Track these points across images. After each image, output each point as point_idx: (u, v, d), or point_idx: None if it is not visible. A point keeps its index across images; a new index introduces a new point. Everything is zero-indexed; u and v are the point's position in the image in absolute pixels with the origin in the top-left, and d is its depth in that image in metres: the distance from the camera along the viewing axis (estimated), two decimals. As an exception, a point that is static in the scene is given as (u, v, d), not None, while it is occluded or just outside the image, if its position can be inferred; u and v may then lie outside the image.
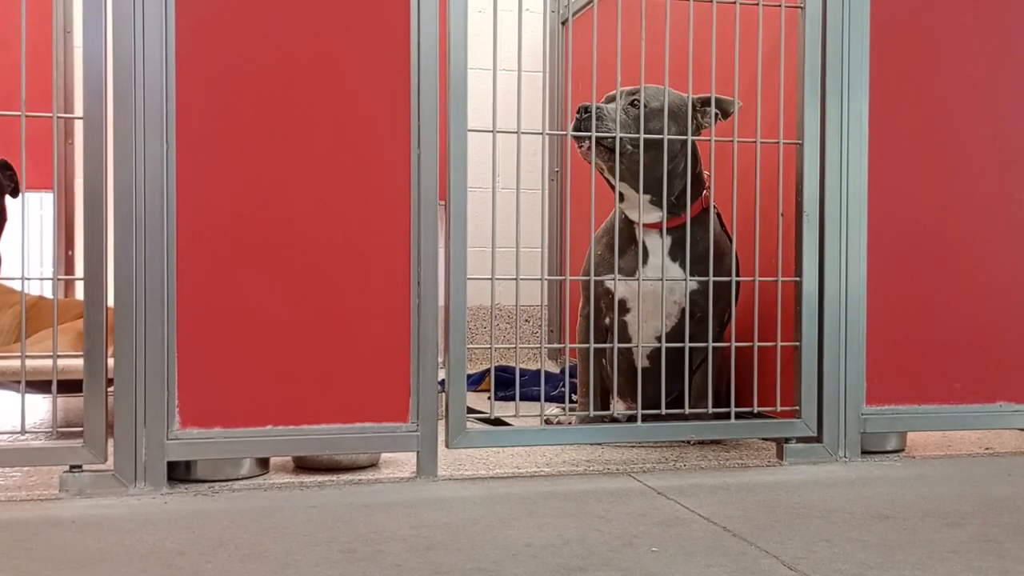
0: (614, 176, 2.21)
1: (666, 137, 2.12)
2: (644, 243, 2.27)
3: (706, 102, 2.20)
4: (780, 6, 2.14)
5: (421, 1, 1.93)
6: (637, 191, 2.22)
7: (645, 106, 2.18)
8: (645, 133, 2.15)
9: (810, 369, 2.15)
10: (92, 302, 1.79)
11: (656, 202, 2.23)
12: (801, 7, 2.14)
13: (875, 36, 2.18)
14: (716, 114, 2.20)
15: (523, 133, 2.01)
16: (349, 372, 1.91)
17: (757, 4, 2.12)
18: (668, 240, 2.25)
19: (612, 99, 2.21)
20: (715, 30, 2.09)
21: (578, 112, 2.12)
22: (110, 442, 1.81)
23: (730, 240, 2.33)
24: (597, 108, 2.14)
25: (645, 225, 2.27)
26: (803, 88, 2.14)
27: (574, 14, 3.60)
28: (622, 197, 2.28)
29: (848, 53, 2.16)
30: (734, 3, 2.11)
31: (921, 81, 2.23)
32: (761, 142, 2.14)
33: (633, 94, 2.19)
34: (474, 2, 1.98)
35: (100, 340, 1.79)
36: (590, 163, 2.17)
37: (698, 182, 2.27)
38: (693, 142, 2.24)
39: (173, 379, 1.84)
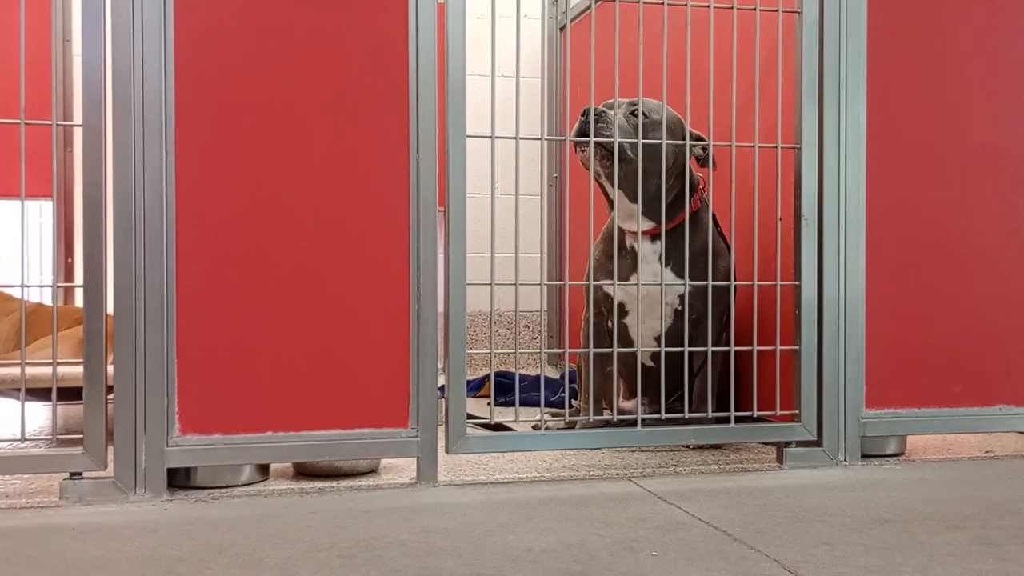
0: (611, 183, 2.22)
1: (664, 142, 2.13)
2: (637, 250, 2.28)
3: (699, 137, 2.25)
4: (777, 11, 2.14)
5: (420, 7, 1.93)
6: (631, 200, 2.23)
7: (645, 116, 2.20)
8: (644, 145, 2.16)
9: (809, 373, 2.15)
10: (92, 309, 1.79)
11: (648, 213, 2.24)
12: (798, 12, 2.15)
13: (872, 40, 2.18)
14: (704, 148, 2.24)
15: (522, 139, 2.01)
16: (349, 378, 1.91)
17: (754, 9, 2.13)
18: (661, 246, 2.26)
19: (611, 107, 2.22)
20: (712, 35, 2.10)
21: (582, 114, 2.13)
22: (110, 449, 1.81)
23: (726, 242, 2.34)
24: (600, 112, 2.15)
25: (636, 232, 2.28)
26: (801, 92, 2.15)
27: (572, 20, 3.60)
28: (616, 206, 2.29)
29: (845, 57, 2.16)
30: (731, 9, 2.12)
31: (919, 84, 2.23)
32: (759, 147, 2.15)
33: (633, 104, 2.21)
34: (472, 8, 1.98)
35: (100, 347, 1.79)
36: (589, 169, 2.18)
37: (691, 186, 2.29)
38: (685, 156, 2.26)
39: (173, 386, 1.84)
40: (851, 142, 2.17)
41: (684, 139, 2.21)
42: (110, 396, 1.81)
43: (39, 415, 2.84)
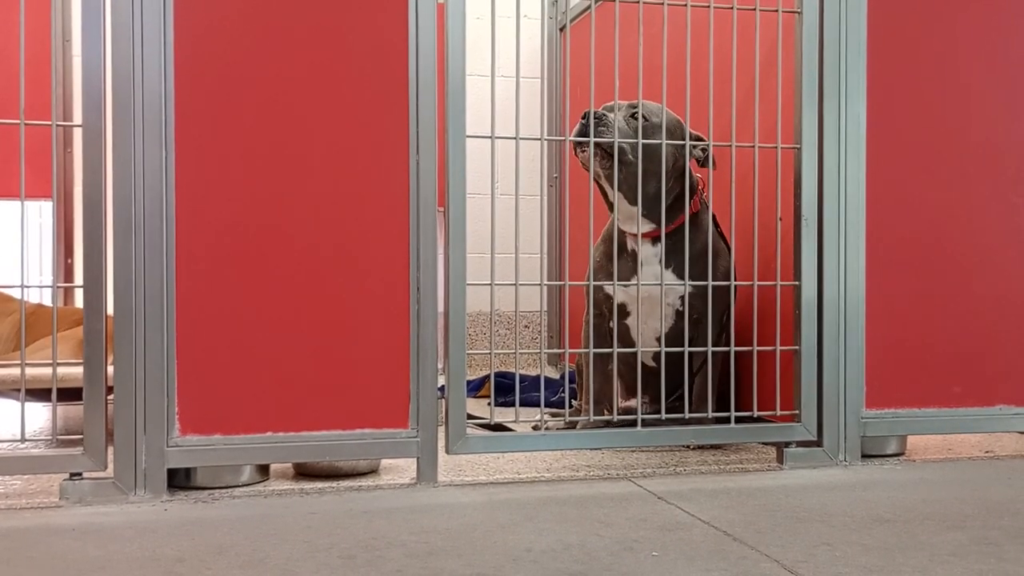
0: (611, 184, 2.22)
1: (664, 142, 2.13)
2: (638, 253, 2.28)
3: (699, 138, 2.26)
4: (777, 11, 2.14)
5: (420, 7, 1.93)
6: (631, 203, 2.24)
7: (645, 119, 2.20)
8: (643, 148, 2.16)
9: (810, 373, 2.15)
10: (92, 310, 1.79)
11: (648, 215, 2.25)
12: (798, 12, 2.15)
13: (872, 40, 2.18)
14: (704, 149, 2.24)
15: (522, 139, 2.01)
16: (349, 378, 1.91)
17: (754, 9, 2.13)
18: (661, 249, 2.27)
19: (611, 109, 2.23)
20: (712, 35, 2.10)
21: (583, 117, 2.13)
22: (110, 450, 1.81)
23: (726, 242, 2.34)
24: (600, 115, 2.16)
25: (637, 235, 2.28)
26: (801, 92, 2.15)
27: (572, 20, 3.60)
28: (616, 208, 2.29)
29: (845, 57, 2.16)
30: (731, 9, 2.12)
31: (919, 84, 2.23)
32: (759, 147, 2.15)
33: (633, 107, 2.22)
34: (472, 9, 1.98)
35: (100, 348, 1.79)
36: (589, 170, 2.18)
37: (691, 187, 2.29)
38: (685, 158, 2.26)
39: (173, 386, 1.84)
40: (851, 142, 2.17)
41: (684, 141, 2.21)
42: (110, 397, 1.81)
43: (39, 416, 2.84)
